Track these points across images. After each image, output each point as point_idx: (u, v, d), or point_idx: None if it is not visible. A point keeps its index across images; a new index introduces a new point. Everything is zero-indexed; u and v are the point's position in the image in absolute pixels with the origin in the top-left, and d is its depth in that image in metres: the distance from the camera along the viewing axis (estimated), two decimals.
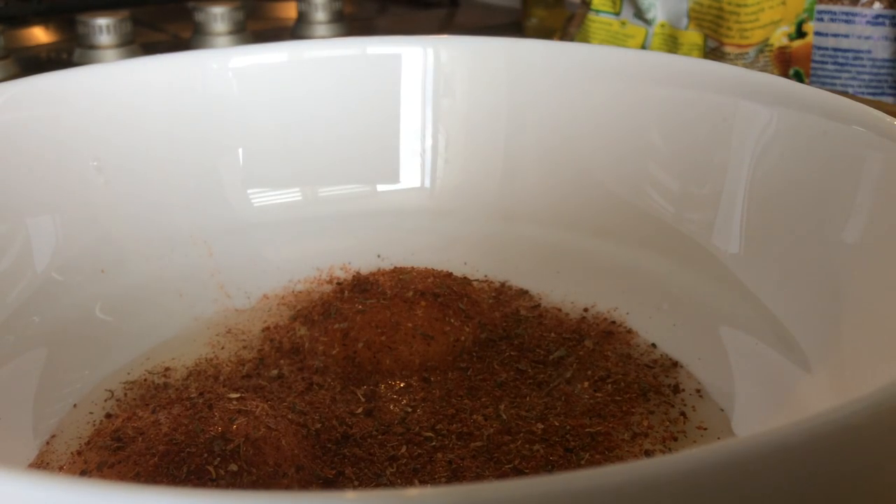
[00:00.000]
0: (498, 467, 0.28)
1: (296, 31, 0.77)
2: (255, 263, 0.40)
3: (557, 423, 0.30)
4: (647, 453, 0.29)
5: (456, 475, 0.28)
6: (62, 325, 0.35)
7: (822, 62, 0.60)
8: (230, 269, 0.39)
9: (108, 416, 0.32)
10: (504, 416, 0.31)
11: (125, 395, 0.33)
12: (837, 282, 0.31)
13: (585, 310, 0.38)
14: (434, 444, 0.29)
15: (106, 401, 0.32)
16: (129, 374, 0.34)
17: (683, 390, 0.33)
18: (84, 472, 0.26)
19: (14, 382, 0.32)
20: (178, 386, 0.33)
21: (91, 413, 0.32)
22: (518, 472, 0.28)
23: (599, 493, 0.15)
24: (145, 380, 0.34)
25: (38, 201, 0.35)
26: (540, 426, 0.30)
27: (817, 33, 0.60)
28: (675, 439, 0.30)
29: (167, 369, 0.34)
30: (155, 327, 0.36)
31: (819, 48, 0.60)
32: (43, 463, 0.29)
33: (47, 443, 0.30)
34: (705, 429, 0.31)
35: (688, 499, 0.15)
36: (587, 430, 0.30)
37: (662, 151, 0.39)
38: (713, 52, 0.61)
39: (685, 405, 0.32)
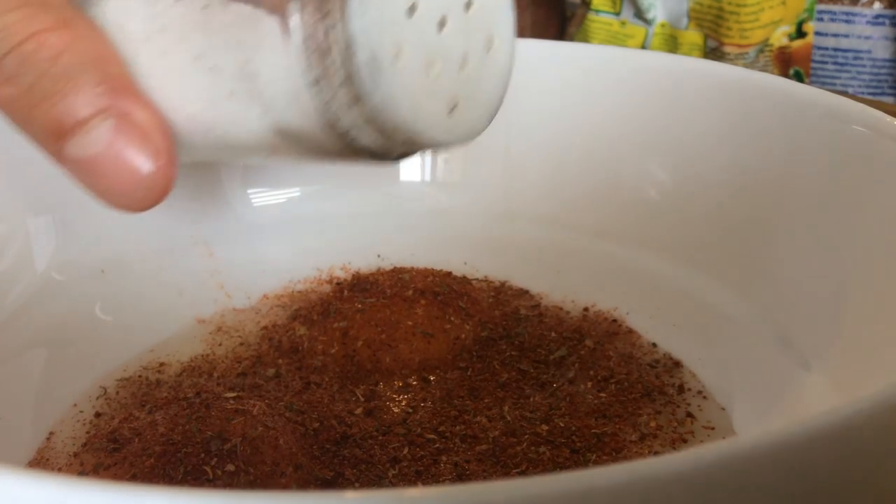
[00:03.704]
0: (505, 471, 0.28)
1: None
2: (255, 263, 0.40)
3: (563, 425, 0.30)
4: (657, 455, 0.29)
5: (462, 479, 0.28)
6: (62, 325, 0.35)
7: (822, 62, 0.60)
8: (230, 269, 0.39)
9: (98, 414, 0.32)
10: (508, 418, 0.30)
11: (117, 392, 0.33)
12: (837, 282, 0.31)
13: (586, 309, 0.38)
14: (437, 446, 0.29)
15: (98, 398, 0.33)
16: (125, 371, 0.34)
17: (689, 390, 0.33)
18: (81, 475, 0.26)
19: (14, 382, 0.32)
20: (171, 383, 0.33)
21: (82, 412, 0.32)
22: (526, 477, 0.28)
23: (604, 492, 0.15)
24: (139, 376, 0.34)
25: (38, 201, 0.35)
26: (545, 427, 0.30)
27: (817, 33, 0.60)
28: (685, 441, 0.30)
29: (162, 365, 0.34)
30: (155, 327, 0.36)
31: (819, 48, 0.60)
32: (42, 461, 0.29)
33: (47, 439, 0.31)
34: (713, 429, 0.31)
35: (688, 498, 0.15)
36: (593, 430, 0.30)
37: (662, 151, 0.39)
38: (713, 52, 0.61)
39: (690, 406, 0.32)
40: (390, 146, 0.24)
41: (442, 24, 0.24)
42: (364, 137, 0.24)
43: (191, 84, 0.24)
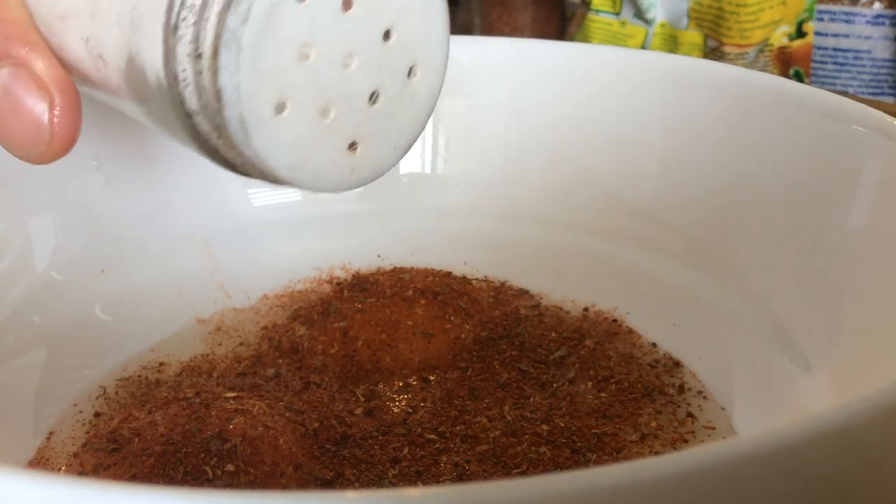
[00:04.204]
0: (506, 471, 0.28)
1: None
2: (255, 263, 0.40)
3: (563, 425, 0.30)
4: (657, 455, 0.29)
5: (462, 479, 0.28)
6: (62, 325, 0.35)
7: (822, 62, 0.60)
8: (230, 269, 0.39)
9: (97, 414, 0.32)
10: (508, 418, 0.30)
11: (116, 392, 0.33)
12: (837, 282, 0.31)
13: (586, 309, 0.38)
14: (438, 446, 0.29)
15: (98, 398, 0.33)
16: (124, 370, 0.34)
17: (689, 390, 0.33)
18: (81, 475, 0.26)
19: (14, 382, 0.32)
20: (170, 383, 0.33)
21: (82, 412, 0.32)
22: (526, 477, 0.28)
23: (604, 493, 0.15)
24: (139, 376, 0.34)
25: (38, 201, 0.35)
26: (545, 427, 0.30)
27: (817, 33, 0.60)
28: (686, 441, 0.30)
29: (161, 364, 0.34)
30: (155, 327, 0.36)
31: (819, 48, 0.60)
32: (42, 461, 0.29)
33: (47, 439, 0.31)
34: (713, 428, 0.31)
35: (688, 498, 0.15)
36: (593, 430, 0.30)
37: (662, 151, 0.39)
38: (713, 52, 0.61)
39: (691, 405, 0.32)
40: (277, 181, 0.23)
41: (348, 60, 0.22)
42: (249, 171, 0.23)
43: (83, 60, 0.23)
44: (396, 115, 0.24)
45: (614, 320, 0.37)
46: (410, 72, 0.24)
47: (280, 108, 0.21)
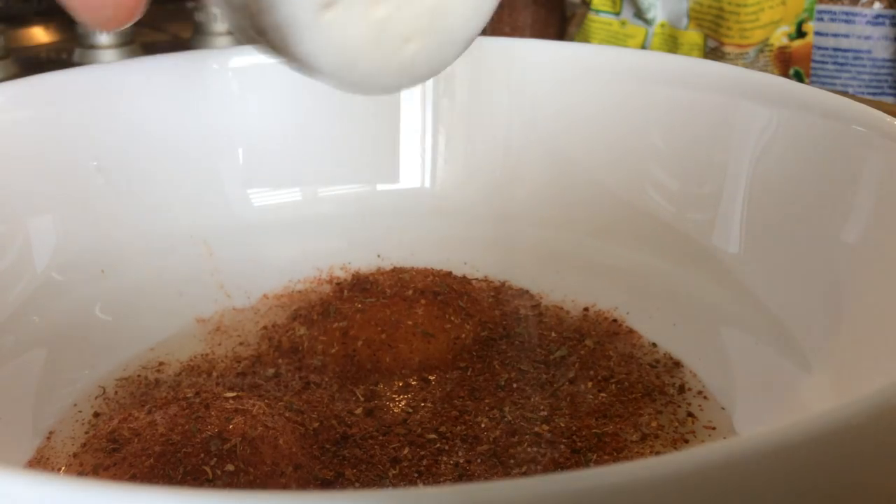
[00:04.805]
0: (506, 471, 0.28)
1: None
2: (255, 263, 0.40)
3: (563, 425, 0.30)
4: (658, 455, 0.29)
5: (462, 479, 0.28)
6: (62, 325, 0.35)
7: (822, 62, 0.60)
8: (230, 269, 0.39)
9: (97, 414, 0.32)
10: (509, 418, 0.30)
11: (116, 392, 0.33)
12: (837, 281, 0.31)
13: (586, 309, 0.38)
14: (438, 446, 0.29)
15: (97, 398, 0.33)
16: (124, 370, 0.34)
17: (690, 390, 0.33)
18: (80, 475, 0.26)
19: (14, 382, 0.32)
20: (170, 382, 0.33)
21: (82, 412, 0.32)
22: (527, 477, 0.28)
23: (605, 492, 0.15)
24: (139, 376, 0.34)
25: (38, 201, 0.35)
26: (546, 427, 0.30)
27: (817, 33, 0.60)
28: (686, 441, 0.30)
29: (161, 364, 0.34)
30: (155, 327, 0.36)
31: (819, 48, 0.60)
32: (42, 460, 0.29)
33: (47, 439, 0.31)
34: (714, 428, 0.31)
35: (689, 498, 0.15)
36: (594, 430, 0.30)
37: (662, 151, 0.39)
38: (713, 52, 0.61)
39: (691, 405, 0.32)
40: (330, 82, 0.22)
41: None
42: (303, 71, 0.22)
43: None
44: (456, 7, 0.22)
45: (614, 320, 0.37)
46: None
47: (326, 6, 0.20)
